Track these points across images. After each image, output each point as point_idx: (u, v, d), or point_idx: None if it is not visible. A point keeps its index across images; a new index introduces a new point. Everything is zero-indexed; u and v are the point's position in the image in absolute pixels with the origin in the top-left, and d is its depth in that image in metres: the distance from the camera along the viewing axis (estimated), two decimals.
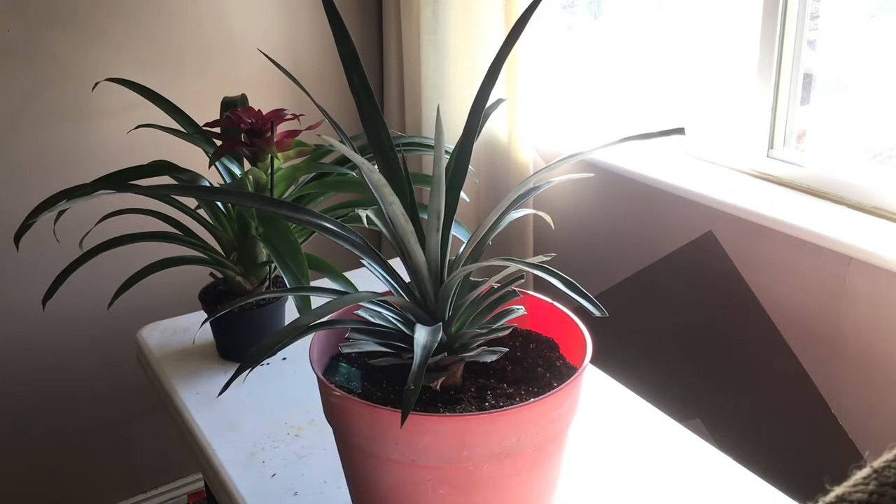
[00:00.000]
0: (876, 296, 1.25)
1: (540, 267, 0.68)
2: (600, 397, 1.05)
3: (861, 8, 1.46)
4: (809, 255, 1.33)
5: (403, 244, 0.70)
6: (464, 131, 0.75)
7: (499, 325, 0.76)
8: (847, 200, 1.37)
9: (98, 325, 1.83)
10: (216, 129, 1.06)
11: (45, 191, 1.03)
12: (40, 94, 1.72)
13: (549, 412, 0.70)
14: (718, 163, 1.59)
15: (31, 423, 1.86)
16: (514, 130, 1.80)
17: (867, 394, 1.29)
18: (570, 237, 1.83)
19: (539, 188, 0.77)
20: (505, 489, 0.71)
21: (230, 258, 1.10)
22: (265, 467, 0.94)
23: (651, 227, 1.64)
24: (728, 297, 1.49)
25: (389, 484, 0.72)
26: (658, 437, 0.98)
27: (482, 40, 1.78)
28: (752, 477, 0.90)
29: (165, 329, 1.24)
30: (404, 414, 0.61)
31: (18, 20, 1.67)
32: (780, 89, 1.46)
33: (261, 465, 0.94)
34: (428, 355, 0.63)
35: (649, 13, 1.84)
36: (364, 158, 0.68)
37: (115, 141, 1.77)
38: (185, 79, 1.84)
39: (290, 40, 1.96)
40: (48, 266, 1.10)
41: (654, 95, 1.82)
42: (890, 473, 0.32)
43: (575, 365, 0.79)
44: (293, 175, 1.06)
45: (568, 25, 2.00)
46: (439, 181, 0.70)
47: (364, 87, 0.73)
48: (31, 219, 1.00)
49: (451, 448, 0.67)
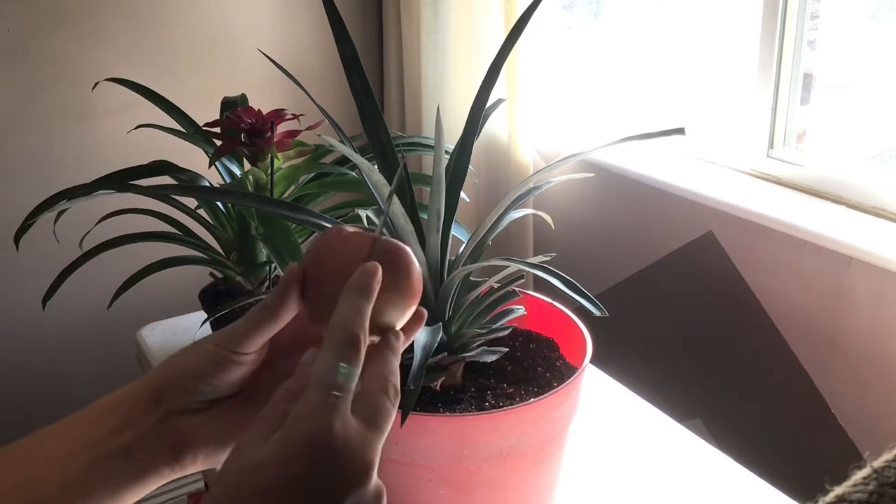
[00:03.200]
0: (876, 296, 1.25)
1: (540, 267, 0.68)
2: (600, 397, 1.05)
3: (861, 8, 1.46)
4: (809, 255, 1.33)
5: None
6: (464, 131, 0.75)
7: (499, 325, 0.76)
8: (847, 200, 1.37)
9: (98, 325, 1.83)
10: (216, 129, 1.06)
11: (45, 191, 1.03)
12: (40, 94, 1.72)
13: (549, 412, 0.70)
14: (718, 163, 1.59)
15: (31, 422, 1.86)
16: (514, 130, 1.80)
17: (867, 394, 1.29)
18: (570, 237, 1.83)
19: (539, 188, 0.77)
20: (505, 489, 0.71)
21: (230, 258, 1.10)
22: None
23: (651, 227, 1.64)
24: (728, 297, 1.49)
25: (389, 484, 0.72)
26: (658, 437, 0.98)
27: (482, 40, 1.78)
28: (752, 477, 0.90)
29: (165, 329, 1.24)
30: (404, 414, 0.61)
31: (18, 20, 1.67)
32: (780, 89, 1.46)
33: None
34: (428, 355, 0.63)
35: (649, 13, 1.84)
36: (364, 158, 0.68)
37: (115, 141, 1.77)
38: (185, 79, 1.84)
39: (290, 40, 1.96)
40: (48, 266, 1.10)
41: (654, 95, 1.82)
42: (890, 473, 0.32)
43: (575, 365, 0.79)
44: (293, 175, 1.06)
45: (568, 25, 2.00)
46: (439, 181, 0.70)
47: (364, 87, 0.73)
48: (31, 219, 1.00)
49: (451, 448, 0.67)
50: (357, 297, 0.45)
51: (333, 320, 0.45)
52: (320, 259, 0.50)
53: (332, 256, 0.50)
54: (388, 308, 0.48)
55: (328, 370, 0.42)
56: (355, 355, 0.43)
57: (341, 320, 0.44)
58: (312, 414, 0.41)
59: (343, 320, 0.44)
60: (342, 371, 0.42)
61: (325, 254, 0.50)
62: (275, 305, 0.48)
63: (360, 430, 0.42)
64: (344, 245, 0.50)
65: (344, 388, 0.42)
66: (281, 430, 0.41)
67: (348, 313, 0.45)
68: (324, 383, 0.42)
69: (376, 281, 0.46)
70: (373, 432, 0.43)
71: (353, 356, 0.43)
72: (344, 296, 0.46)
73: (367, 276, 0.46)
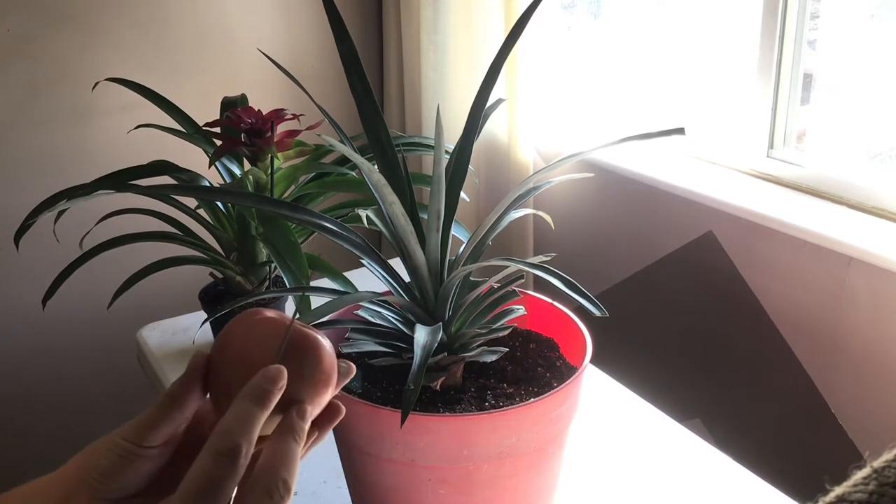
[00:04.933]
0: (876, 296, 1.25)
1: (540, 267, 0.68)
2: (600, 397, 1.05)
3: (861, 8, 1.45)
4: (809, 255, 1.33)
5: (403, 244, 0.70)
6: (464, 131, 0.75)
7: (499, 325, 0.76)
8: (847, 200, 1.37)
9: (98, 326, 1.83)
10: (216, 129, 1.06)
11: (45, 191, 1.03)
12: (40, 94, 1.72)
13: (549, 412, 0.70)
14: (718, 163, 1.59)
15: (31, 422, 1.86)
16: (514, 130, 1.80)
17: (867, 394, 1.29)
18: (570, 237, 1.83)
19: (539, 188, 0.77)
20: (505, 489, 0.71)
21: (230, 258, 1.10)
22: None
23: (651, 227, 1.64)
24: (728, 297, 1.49)
25: (389, 484, 0.72)
26: (658, 437, 0.98)
27: (482, 40, 1.78)
28: (752, 477, 0.90)
29: (165, 329, 1.24)
30: (404, 414, 0.61)
31: (19, 20, 1.67)
32: (780, 89, 1.46)
33: None
34: (428, 355, 0.63)
35: (649, 13, 1.84)
36: (364, 158, 0.68)
37: (115, 141, 1.77)
38: (185, 79, 1.84)
39: (290, 40, 1.96)
40: (48, 266, 1.10)
41: (654, 95, 1.82)
42: (890, 473, 0.32)
43: (575, 365, 0.79)
44: (293, 175, 1.06)
45: (568, 25, 2.00)
46: (439, 181, 0.70)
47: (364, 87, 0.73)
48: (31, 219, 1.00)
49: (451, 448, 0.67)
50: (251, 404, 0.42)
51: (218, 426, 0.42)
52: (224, 348, 0.47)
53: (236, 346, 0.47)
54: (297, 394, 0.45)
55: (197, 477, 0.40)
56: (232, 466, 0.40)
57: (225, 427, 0.42)
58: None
59: (227, 427, 0.42)
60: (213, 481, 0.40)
61: (230, 342, 0.47)
62: (176, 395, 0.46)
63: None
64: (250, 333, 0.47)
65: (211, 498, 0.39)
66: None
67: (235, 421, 0.42)
68: (191, 490, 0.40)
69: (278, 387, 0.44)
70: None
71: (230, 466, 0.40)
72: (237, 401, 0.43)
73: (267, 381, 0.43)
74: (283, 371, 0.44)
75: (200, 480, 0.40)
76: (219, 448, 0.41)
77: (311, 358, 0.46)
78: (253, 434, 0.42)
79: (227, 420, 0.42)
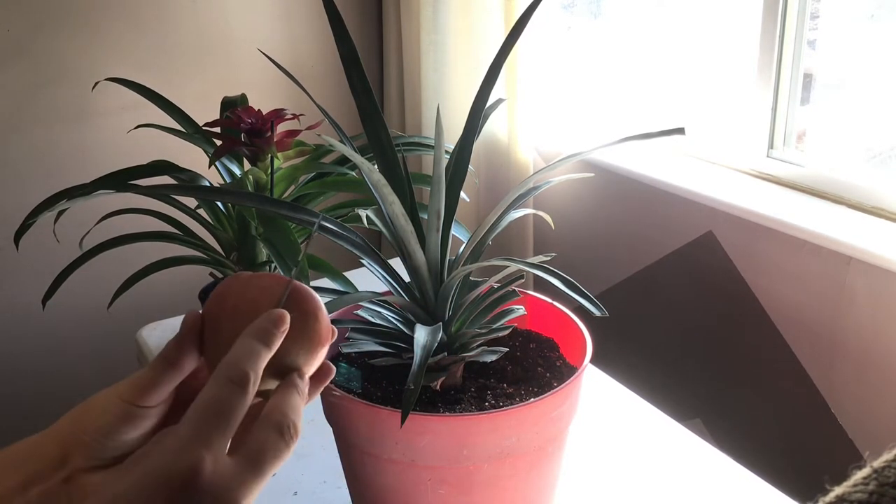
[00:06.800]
0: (876, 296, 1.25)
1: (540, 267, 0.68)
2: (600, 397, 1.05)
3: (861, 8, 1.46)
4: (809, 255, 1.33)
5: (403, 244, 0.70)
6: (464, 131, 0.75)
7: (499, 325, 0.76)
8: (847, 200, 1.37)
9: (98, 326, 1.83)
10: (216, 129, 1.06)
11: (45, 191, 1.03)
12: (41, 93, 1.72)
13: (549, 412, 0.70)
14: (718, 163, 1.59)
15: (31, 423, 1.86)
16: (514, 130, 1.80)
17: (867, 394, 1.29)
18: (570, 237, 1.83)
19: (539, 188, 0.77)
20: (505, 489, 0.71)
21: (230, 258, 1.10)
22: None
23: (651, 227, 1.64)
24: (728, 297, 1.49)
25: (389, 484, 0.72)
26: (658, 437, 0.98)
27: (482, 40, 1.78)
28: (752, 477, 0.90)
29: (165, 329, 1.24)
30: (404, 414, 0.61)
31: (18, 20, 1.67)
32: (780, 89, 1.46)
33: None
34: (428, 355, 0.63)
35: (649, 13, 1.84)
36: (364, 158, 0.68)
37: (115, 141, 1.77)
38: (185, 79, 1.84)
39: (290, 40, 1.96)
40: (48, 266, 1.10)
41: (654, 95, 1.82)
42: (890, 473, 0.32)
43: (575, 365, 0.79)
44: (293, 175, 1.06)
45: (568, 25, 2.00)
46: (439, 181, 0.70)
47: (364, 87, 0.73)
48: (31, 219, 1.00)
49: (451, 448, 0.67)
50: (255, 341, 0.43)
51: (225, 358, 0.42)
52: (222, 303, 0.47)
53: (235, 299, 0.47)
54: (294, 352, 0.46)
55: (206, 403, 0.40)
56: (241, 391, 0.40)
57: (232, 358, 0.42)
58: (181, 449, 0.38)
59: (234, 358, 0.42)
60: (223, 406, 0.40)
61: (227, 296, 0.47)
62: (172, 355, 0.46)
63: (236, 471, 0.39)
64: (247, 288, 0.47)
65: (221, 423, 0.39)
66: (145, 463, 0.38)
67: (242, 353, 0.42)
68: (199, 416, 0.39)
69: (281, 329, 0.44)
70: (251, 473, 0.40)
71: (239, 392, 0.40)
72: (242, 338, 0.43)
73: (271, 321, 0.44)
74: (286, 314, 0.44)
75: (210, 405, 0.40)
76: (228, 375, 0.41)
77: (309, 313, 0.46)
78: (259, 367, 0.42)
79: (234, 352, 0.42)
